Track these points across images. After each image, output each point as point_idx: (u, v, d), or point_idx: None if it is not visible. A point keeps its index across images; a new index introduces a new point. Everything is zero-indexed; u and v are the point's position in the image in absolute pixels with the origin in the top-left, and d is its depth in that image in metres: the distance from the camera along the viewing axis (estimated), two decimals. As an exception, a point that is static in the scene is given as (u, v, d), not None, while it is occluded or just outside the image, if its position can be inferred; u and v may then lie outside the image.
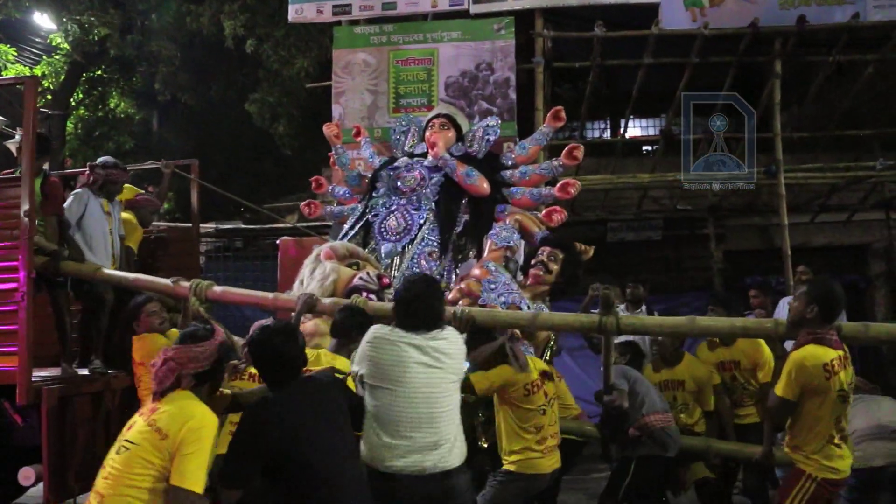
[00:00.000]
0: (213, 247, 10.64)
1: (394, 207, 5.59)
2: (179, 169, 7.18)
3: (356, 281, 4.67)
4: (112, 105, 14.54)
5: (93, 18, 11.68)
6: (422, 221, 5.44)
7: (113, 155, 13.23)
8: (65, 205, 5.27)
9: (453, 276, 5.23)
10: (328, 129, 6.58)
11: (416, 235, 5.37)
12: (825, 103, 9.05)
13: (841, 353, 3.52)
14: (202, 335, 3.08)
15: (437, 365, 3.20)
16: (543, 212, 5.50)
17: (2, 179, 4.97)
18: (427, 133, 5.95)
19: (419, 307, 3.28)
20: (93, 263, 5.16)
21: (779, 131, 7.69)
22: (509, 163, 5.83)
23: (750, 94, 8.11)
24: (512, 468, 4.02)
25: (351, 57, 8.12)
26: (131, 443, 2.83)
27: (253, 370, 3.57)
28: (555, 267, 4.94)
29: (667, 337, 5.02)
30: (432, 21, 8.15)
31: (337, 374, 3.42)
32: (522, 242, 5.36)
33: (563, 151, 5.51)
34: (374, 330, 3.28)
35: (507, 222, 5.33)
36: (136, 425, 2.90)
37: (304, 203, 6.57)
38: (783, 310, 5.89)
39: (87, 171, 5.54)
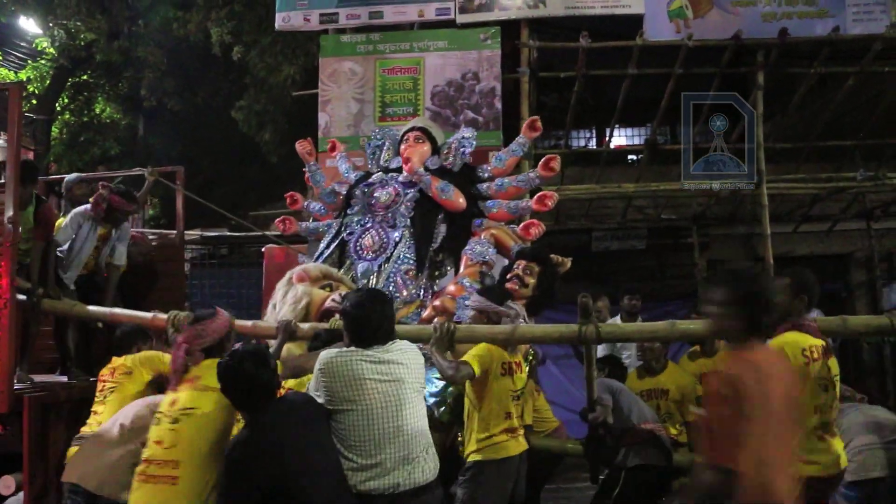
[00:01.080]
0: (198, 254, 10.59)
1: (369, 225, 5.44)
2: (165, 176, 7.13)
3: (329, 303, 4.58)
4: (98, 110, 14.52)
5: (79, 23, 11.65)
6: (398, 239, 5.27)
7: (98, 160, 13.20)
8: (60, 225, 5.28)
9: (430, 294, 5.11)
10: (300, 147, 6.43)
11: (392, 253, 5.21)
12: (807, 114, 9.14)
13: (821, 342, 3.55)
14: (204, 315, 3.58)
15: (395, 378, 3.19)
16: (521, 225, 5.36)
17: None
18: (402, 147, 5.78)
19: (370, 322, 3.26)
20: (69, 301, 5.16)
21: (762, 141, 7.75)
22: (486, 175, 5.67)
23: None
24: (478, 457, 3.88)
25: (337, 65, 8.12)
26: (186, 413, 3.23)
27: None
28: (531, 280, 4.67)
29: (653, 344, 5.02)
30: (419, 30, 8.14)
31: None
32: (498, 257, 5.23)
33: (540, 163, 5.39)
34: (324, 355, 3.25)
35: (483, 237, 5.20)
36: (178, 402, 3.27)
37: (278, 219, 6.37)
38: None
39: (93, 200, 5.50)
